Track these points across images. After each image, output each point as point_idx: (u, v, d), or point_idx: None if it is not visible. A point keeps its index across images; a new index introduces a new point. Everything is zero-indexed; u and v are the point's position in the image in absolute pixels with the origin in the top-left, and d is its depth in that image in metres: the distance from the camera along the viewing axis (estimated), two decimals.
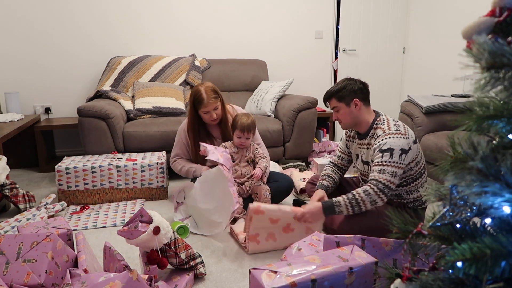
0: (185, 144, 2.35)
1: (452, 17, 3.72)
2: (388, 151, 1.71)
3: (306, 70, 4.15)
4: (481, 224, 0.76)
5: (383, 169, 1.70)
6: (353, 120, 1.87)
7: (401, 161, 1.71)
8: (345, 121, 1.89)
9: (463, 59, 0.68)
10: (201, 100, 2.17)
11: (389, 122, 1.83)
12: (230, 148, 2.24)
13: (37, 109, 3.43)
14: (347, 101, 1.84)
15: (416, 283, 0.81)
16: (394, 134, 1.75)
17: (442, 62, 3.86)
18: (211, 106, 2.19)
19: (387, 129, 1.78)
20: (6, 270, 1.18)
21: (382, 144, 1.74)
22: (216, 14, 3.75)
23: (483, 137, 0.72)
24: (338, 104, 1.86)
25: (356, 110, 1.85)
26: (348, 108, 1.85)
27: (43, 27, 3.33)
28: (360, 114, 1.86)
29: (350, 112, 1.86)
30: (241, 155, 2.25)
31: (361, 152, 1.94)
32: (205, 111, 2.21)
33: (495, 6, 0.74)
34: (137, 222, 1.40)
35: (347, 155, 2.09)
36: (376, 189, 1.70)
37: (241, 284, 1.56)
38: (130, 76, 3.32)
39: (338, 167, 2.12)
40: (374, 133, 1.84)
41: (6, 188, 2.22)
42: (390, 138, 1.73)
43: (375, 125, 1.85)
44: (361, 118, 1.87)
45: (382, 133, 1.78)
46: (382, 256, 1.39)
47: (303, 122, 3.06)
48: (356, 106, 1.84)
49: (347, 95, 1.84)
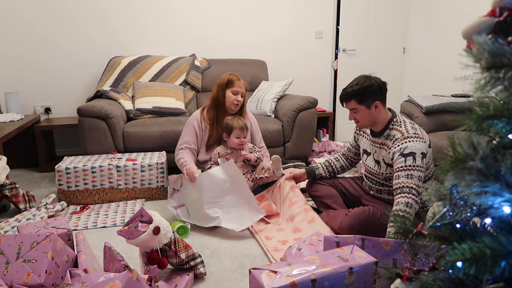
0: (195, 131, 2.39)
1: (452, 17, 3.72)
2: (411, 155, 1.68)
3: (306, 70, 4.15)
4: (481, 224, 0.76)
5: (410, 174, 1.66)
6: (371, 121, 1.84)
7: (423, 165, 1.68)
8: (363, 122, 1.85)
9: (463, 59, 0.68)
10: (235, 80, 2.37)
11: (406, 124, 1.79)
12: (222, 151, 2.29)
13: (37, 109, 3.43)
14: (368, 104, 1.78)
15: (416, 283, 0.81)
16: (414, 137, 1.72)
17: (442, 62, 3.86)
18: (242, 88, 2.39)
19: (405, 132, 1.75)
20: (6, 270, 1.18)
21: (403, 148, 1.70)
22: (216, 14, 3.75)
23: (483, 137, 0.72)
24: (357, 106, 1.80)
25: (376, 112, 1.80)
26: (368, 110, 1.79)
27: (43, 27, 3.33)
28: (379, 115, 1.82)
29: (370, 114, 1.81)
30: (236, 155, 2.28)
31: (373, 150, 1.92)
32: (235, 91, 2.36)
33: (495, 6, 0.74)
34: (137, 222, 1.40)
35: (355, 148, 2.10)
36: (413, 196, 1.63)
37: (241, 284, 1.56)
38: (130, 76, 3.32)
39: (346, 157, 2.17)
40: (389, 134, 1.81)
41: (6, 188, 2.22)
42: (410, 142, 1.70)
43: (391, 125, 1.82)
44: (379, 119, 1.84)
45: (401, 136, 1.74)
46: (382, 256, 1.39)
47: (303, 122, 3.06)
48: (376, 108, 1.79)
49: (368, 98, 1.77)
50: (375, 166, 1.91)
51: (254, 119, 2.59)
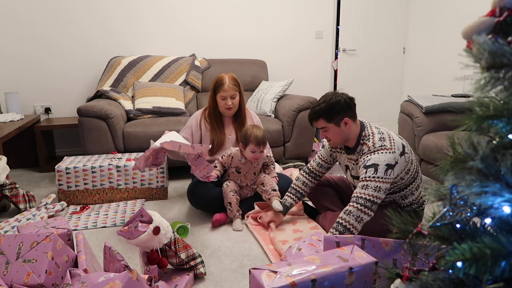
0: (192, 130, 2.35)
1: (452, 17, 3.71)
2: (372, 166, 1.66)
3: (306, 70, 4.15)
4: (481, 224, 0.76)
5: (366, 184, 1.65)
6: (343, 138, 1.80)
7: (387, 176, 1.65)
8: (335, 140, 1.81)
9: (463, 59, 0.68)
10: (222, 84, 2.23)
11: (374, 137, 1.75)
12: (236, 156, 2.15)
13: (37, 109, 3.43)
14: (337, 121, 1.75)
15: (416, 283, 0.81)
16: (379, 150, 1.69)
17: (442, 62, 3.86)
18: (230, 92, 2.23)
19: (372, 145, 1.72)
20: (6, 270, 1.18)
21: (366, 161, 1.69)
22: (216, 14, 3.75)
23: (483, 137, 0.72)
24: (327, 125, 1.76)
25: (346, 128, 1.77)
26: (338, 127, 1.76)
27: (43, 27, 3.33)
28: (350, 131, 1.78)
29: (340, 132, 1.77)
30: (249, 167, 2.17)
31: (350, 167, 1.89)
32: (222, 96, 2.24)
33: (495, 6, 0.74)
34: (137, 222, 1.40)
35: (328, 164, 2.03)
36: (356, 205, 1.63)
37: (241, 284, 1.56)
38: (130, 76, 3.32)
39: (314, 175, 2.05)
40: (361, 149, 1.78)
41: (6, 188, 2.22)
42: (374, 154, 1.68)
43: (361, 140, 1.79)
44: (351, 135, 1.80)
45: (367, 151, 1.72)
46: (382, 256, 1.39)
47: (303, 122, 3.06)
48: (346, 125, 1.76)
49: (336, 115, 1.73)
50: (355, 182, 1.89)
51: (258, 121, 2.50)
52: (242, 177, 2.19)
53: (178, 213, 2.30)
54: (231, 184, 2.15)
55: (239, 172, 2.17)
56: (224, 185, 2.15)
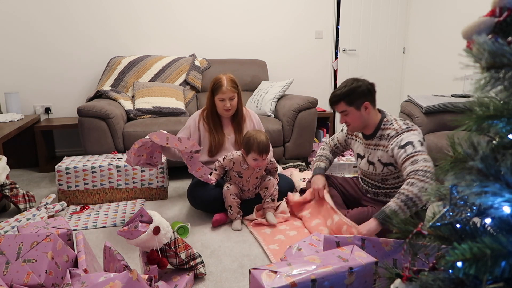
0: (190, 131, 2.35)
1: (452, 17, 3.71)
2: (409, 144, 1.71)
3: (306, 70, 4.15)
4: (481, 224, 0.75)
5: (414, 159, 1.66)
6: (362, 123, 1.85)
7: (424, 149, 1.69)
8: (354, 125, 1.86)
9: (463, 59, 0.68)
10: (220, 86, 2.21)
11: (397, 121, 1.83)
12: (238, 162, 2.10)
13: (37, 109, 3.43)
14: (357, 105, 1.80)
15: (416, 283, 0.81)
16: (407, 131, 1.76)
17: (442, 62, 3.86)
18: (228, 94, 2.21)
19: (398, 128, 1.79)
20: (6, 270, 1.18)
21: (399, 141, 1.74)
22: (216, 14, 3.75)
23: (483, 137, 0.72)
24: (347, 108, 1.81)
25: (366, 113, 1.82)
26: (358, 112, 1.81)
27: (43, 27, 3.33)
28: (370, 117, 1.84)
29: (360, 116, 1.82)
30: (251, 173, 2.13)
31: (367, 152, 1.93)
32: (221, 98, 2.23)
33: (495, 6, 0.74)
34: (137, 222, 1.40)
35: (342, 147, 2.17)
36: (417, 177, 1.60)
37: (241, 284, 1.56)
38: (130, 76, 3.32)
39: (333, 152, 2.22)
40: (382, 134, 1.84)
41: (6, 188, 2.22)
42: (404, 134, 1.75)
43: (383, 125, 1.85)
44: (370, 121, 1.85)
45: (395, 133, 1.79)
46: (382, 256, 1.39)
47: (303, 122, 3.06)
48: (366, 109, 1.81)
49: (357, 99, 1.79)
50: (369, 168, 1.92)
51: (258, 120, 2.46)
52: (244, 182, 2.16)
53: (178, 213, 2.30)
54: (232, 188, 2.12)
55: (241, 177, 2.15)
56: (225, 188, 2.13)
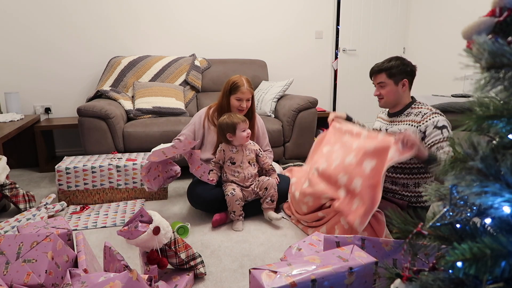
0: (195, 128, 2.37)
1: (452, 17, 3.71)
2: (445, 127, 1.77)
3: (306, 70, 4.15)
4: (481, 224, 0.75)
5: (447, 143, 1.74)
6: (396, 99, 1.91)
7: None
8: (388, 99, 1.92)
9: (463, 59, 0.68)
10: (239, 85, 2.25)
11: (427, 106, 1.88)
12: (227, 148, 2.19)
13: (37, 109, 3.43)
14: (396, 80, 1.87)
15: (416, 283, 0.81)
16: (441, 115, 1.81)
17: (442, 62, 3.86)
18: (247, 95, 2.26)
19: (433, 109, 1.83)
20: (6, 270, 1.18)
21: (435, 121, 1.78)
22: (216, 14, 3.76)
23: (483, 137, 0.72)
24: (386, 80, 1.89)
25: (402, 90, 1.89)
26: (396, 86, 1.88)
27: (43, 27, 3.33)
28: (404, 95, 1.91)
29: (396, 91, 1.89)
30: (242, 155, 2.19)
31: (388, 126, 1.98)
32: (238, 98, 2.26)
33: (495, 6, 0.74)
34: (137, 222, 1.40)
35: None
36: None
37: (241, 284, 1.56)
38: (130, 76, 3.32)
39: None
40: (411, 112, 1.89)
41: (6, 188, 2.22)
42: (441, 116, 1.80)
43: (413, 105, 1.90)
44: (402, 100, 1.92)
45: (430, 112, 1.82)
46: (382, 256, 1.39)
47: (303, 122, 3.06)
48: (403, 86, 1.88)
49: (398, 74, 1.86)
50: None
51: (262, 123, 2.51)
52: (238, 168, 2.17)
53: (178, 213, 2.30)
54: (237, 193, 2.10)
55: (234, 163, 2.17)
56: (229, 194, 2.10)
